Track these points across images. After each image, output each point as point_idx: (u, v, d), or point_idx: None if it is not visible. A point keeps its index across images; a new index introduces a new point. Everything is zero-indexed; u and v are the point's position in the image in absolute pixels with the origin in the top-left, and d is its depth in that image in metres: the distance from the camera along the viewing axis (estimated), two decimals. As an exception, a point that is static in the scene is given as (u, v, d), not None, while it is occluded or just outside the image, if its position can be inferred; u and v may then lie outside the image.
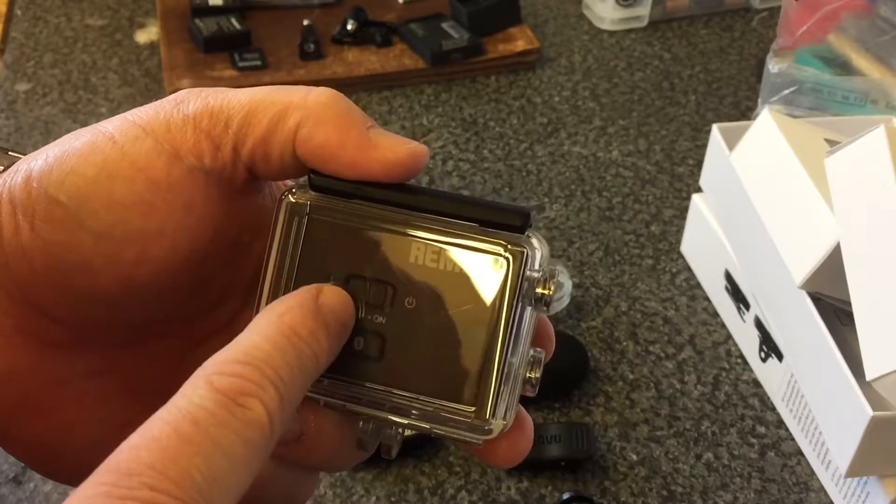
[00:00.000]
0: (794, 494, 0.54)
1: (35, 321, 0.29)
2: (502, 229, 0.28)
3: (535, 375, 0.29)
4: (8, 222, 0.28)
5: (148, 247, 0.28)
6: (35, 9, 0.97)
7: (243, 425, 0.23)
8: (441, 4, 0.94)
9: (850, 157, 0.53)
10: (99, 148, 0.28)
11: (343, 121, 0.28)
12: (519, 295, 0.28)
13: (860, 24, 0.77)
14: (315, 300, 0.27)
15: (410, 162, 0.28)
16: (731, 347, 0.63)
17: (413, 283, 0.28)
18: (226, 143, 0.28)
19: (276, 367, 0.24)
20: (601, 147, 0.81)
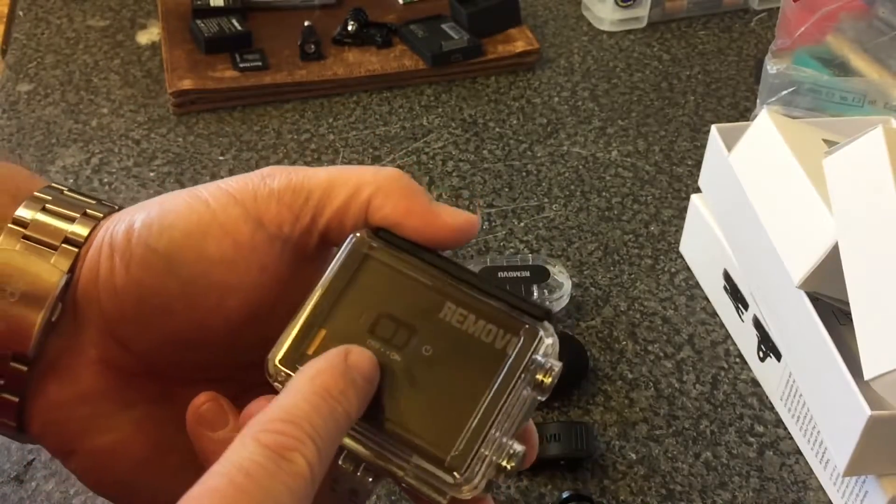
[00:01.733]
0: (792, 493, 0.55)
1: (115, 352, 0.33)
2: (526, 315, 0.32)
3: (510, 466, 0.30)
4: (106, 264, 0.32)
5: (225, 298, 0.32)
6: (37, 10, 0.97)
7: (289, 476, 0.26)
8: (441, 6, 0.94)
9: (849, 158, 0.53)
10: (195, 209, 0.33)
11: (410, 193, 0.33)
12: (523, 371, 0.31)
13: (858, 25, 0.77)
14: (344, 361, 0.30)
15: (467, 227, 0.33)
16: (729, 347, 0.63)
17: (435, 334, 0.32)
18: (305, 214, 0.33)
19: (314, 424, 0.27)
20: (600, 147, 0.81)
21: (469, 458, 0.30)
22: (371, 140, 0.81)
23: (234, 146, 0.80)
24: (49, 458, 0.55)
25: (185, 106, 0.83)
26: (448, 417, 0.31)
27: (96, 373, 0.33)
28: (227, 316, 0.33)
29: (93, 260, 0.33)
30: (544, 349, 0.32)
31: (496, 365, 0.31)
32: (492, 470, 0.31)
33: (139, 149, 0.80)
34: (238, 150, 0.80)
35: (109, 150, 0.79)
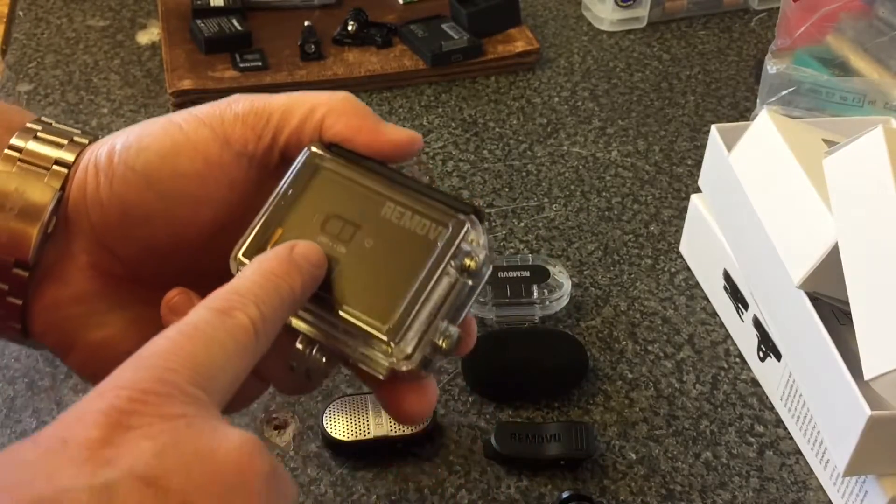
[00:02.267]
0: (792, 493, 0.55)
1: (104, 258, 0.38)
2: (456, 211, 0.36)
3: (444, 345, 0.35)
4: (92, 182, 0.37)
5: (198, 210, 0.37)
6: (37, 10, 0.97)
7: (233, 327, 0.30)
8: (441, 6, 0.95)
9: (849, 158, 0.53)
10: (169, 132, 0.37)
11: (359, 112, 0.37)
12: (451, 257, 0.35)
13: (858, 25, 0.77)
14: (290, 251, 0.34)
15: (409, 142, 0.37)
16: (729, 347, 0.63)
17: (376, 229, 0.36)
18: (266, 133, 0.37)
19: (257, 294, 0.31)
20: (600, 147, 0.81)
21: (402, 330, 0.34)
22: (371, 140, 0.81)
23: (234, 146, 0.80)
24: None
25: (185, 106, 0.83)
26: (385, 297, 0.35)
27: (88, 277, 0.38)
28: (201, 226, 0.37)
29: (80, 179, 0.37)
30: (471, 238, 0.36)
31: (428, 252, 0.35)
32: (427, 347, 0.35)
33: (139, 149, 0.79)
34: (238, 150, 0.80)
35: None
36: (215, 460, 0.26)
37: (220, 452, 0.27)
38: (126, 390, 0.27)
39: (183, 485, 0.25)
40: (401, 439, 0.55)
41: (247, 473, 0.27)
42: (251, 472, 0.27)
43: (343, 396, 0.57)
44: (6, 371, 0.60)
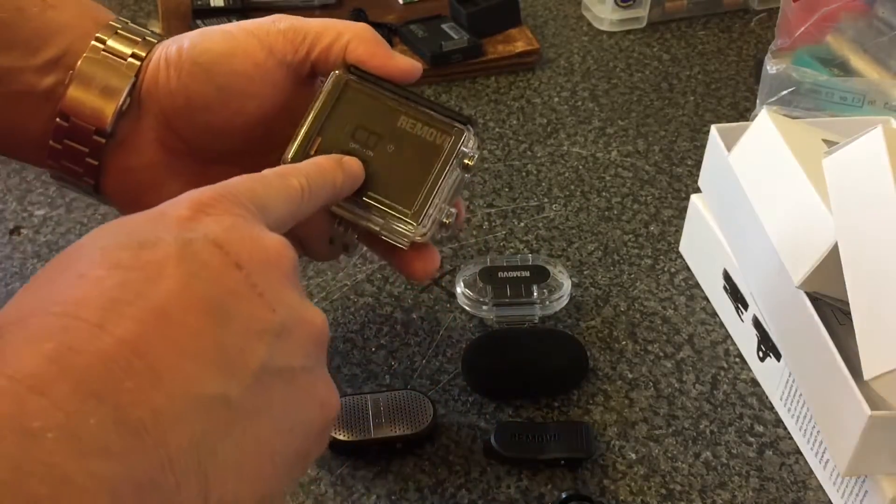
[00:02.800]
0: (792, 493, 0.55)
1: (169, 136, 0.48)
2: (456, 122, 0.47)
3: (448, 221, 0.47)
4: (163, 73, 0.47)
5: (246, 101, 0.47)
6: (36, 10, 0.97)
7: (286, 184, 0.39)
8: (441, 6, 0.95)
9: (848, 158, 0.53)
10: (226, 38, 0.47)
11: (376, 42, 0.48)
12: (455, 157, 0.47)
13: (858, 26, 0.77)
14: (339, 158, 0.45)
15: (412, 69, 0.48)
16: (729, 347, 0.63)
17: (395, 137, 0.47)
18: (302, 47, 0.47)
19: (308, 172, 0.41)
20: (600, 147, 0.81)
21: (423, 212, 0.46)
22: (371, 140, 0.81)
23: (234, 146, 0.80)
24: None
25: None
26: (407, 189, 0.46)
27: (154, 149, 0.48)
28: (248, 114, 0.47)
29: (153, 69, 0.47)
30: (469, 143, 0.47)
31: (437, 154, 0.47)
32: (436, 224, 0.47)
33: (139, 149, 0.80)
34: (238, 150, 0.80)
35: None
36: (262, 243, 0.35)
37: (265, 238, 0.35)
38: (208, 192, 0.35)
39: (238, 250, 0.34)
40: (401, 439, 0.55)
41: (282, 257, 0.35)
42: (285, 257, 0.36)
43: (343, 396, 0.57)
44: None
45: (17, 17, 0.46)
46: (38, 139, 0.47)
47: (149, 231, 0.33)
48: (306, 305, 0.36)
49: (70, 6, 0.48)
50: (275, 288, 0.34)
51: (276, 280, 0.35)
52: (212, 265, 0.33)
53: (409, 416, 0.55)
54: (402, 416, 0.55)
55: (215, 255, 0.33)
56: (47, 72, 0.46)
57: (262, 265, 0.34)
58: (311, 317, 0.36)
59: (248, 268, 0.34)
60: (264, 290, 0.34)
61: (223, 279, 0.33)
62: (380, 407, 0.56)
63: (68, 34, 0.46)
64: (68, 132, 0.46)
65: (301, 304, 0.36)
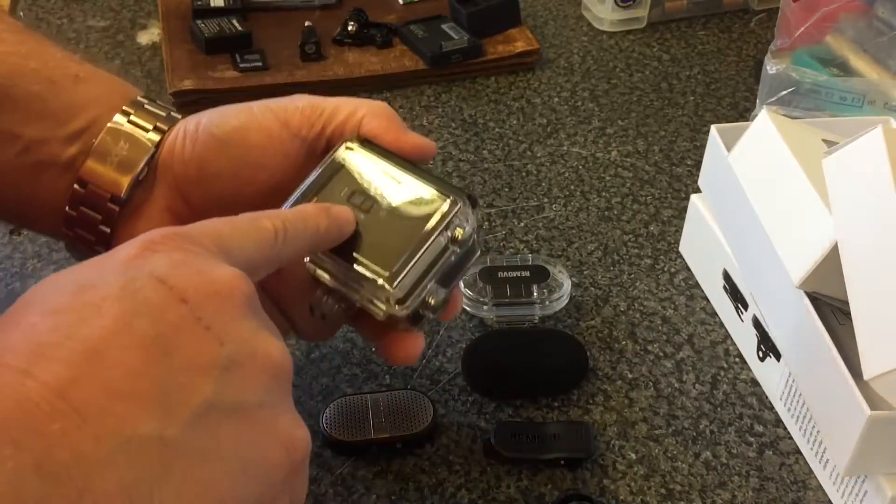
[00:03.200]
0: (791, 493, 0.55)
1: (178, 204, 0.48)
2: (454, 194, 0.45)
3: (433, 301, 0.45)
4: (179, 143, 0.48)
5: (258, 172, 0.48)
6: (37, 10, 0.98)
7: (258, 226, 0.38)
8: (441, 6, 0.95)
9: (848, 158, 0.53)
10: (244, 112, 0.48)
11: (391, 118, 0.48)
12: (445, 227, 0.45)
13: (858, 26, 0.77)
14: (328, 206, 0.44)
15: (425, 147, 0.49)
16: (729, 347, 0.63)
17: (390, 203, 0.46)
18: (318, 123, 0.48)
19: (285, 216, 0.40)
20: (600, 148, 0.81)
21: (398, 277, 0.43)
22: (371, 140, 0.81)
23: (234, 146, 0.80)
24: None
25: (185, 106, 0.83)
26: (390, 253, 0.44)
27: (164, 218, 0.48)
28: (259, 185, 0.48)
29: (171, 140, 0.48)
30: (460, 215, 0.45)
31: (426, 221, 0.45)
32: (418, 300, 0.44)
33: (139, 149, 0.80)
34: (238, 150, 0.80)
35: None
36: (211, 276, 0.34)
37: (216, 271, 0.34)
38: (160, 231, 0.35)
39: (184, 285, 0.33)
40: (401, 439, 0.55)
41: (233, 289, 0.34)
42: (237, 290, 0.34)
43: (343, 396, 0.57)
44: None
45: (49, 89, 0.47)
46: (55, 207, 0.48)
47: (93, 274, 0.33)
48: (262, 338, 0.35)
49: (101, 80, 0.49)
50: (224, 320, 0.33)
51: (226, 312, 0.33)
52: (153, 301, 0.32)
53: (409, 416, 0.56)
54: (402, 416, 0.55)
55: (158, 291, 0.32)
56: (72, 142, 0.47)
57: (209, 297, 0.33)
58: (267, 349, 0.34)
59: (193, 301, 0.33)
60: (211, 322, 0.33)
61: (165, 314, 0.32)
62: (380, 407, 0.56)
63: (96, 107, 0.48)
64: (84, 199, 0.47)
65: (255, 337, 0.34)
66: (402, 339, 0.47)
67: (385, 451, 0.55)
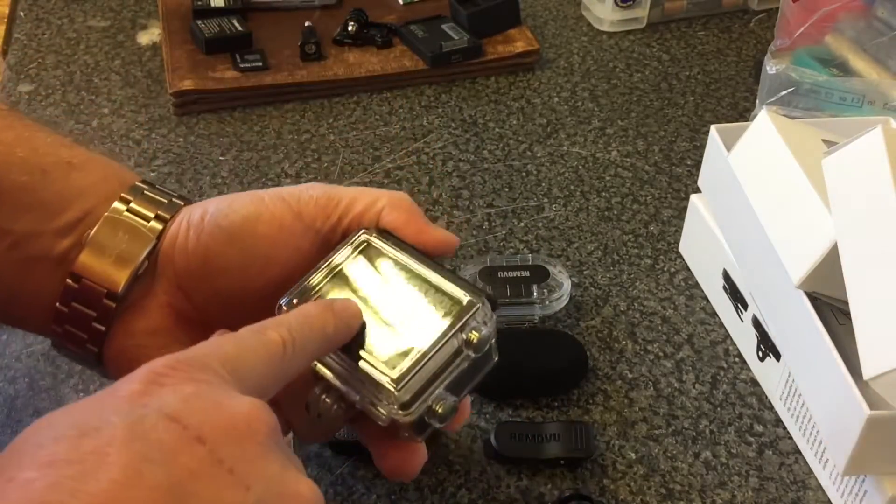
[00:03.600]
0: (791, 493, 0.55)
1: (180, 300, 0.44)
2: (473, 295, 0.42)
3: (440, 410, 0.40)
4: (183, 235, 0.44)
5: (268, 266, 0.44)
6: (38, 10, 0.98)
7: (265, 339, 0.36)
8: (441, 6, 0.95)
9: (848, 158, 0.53)
10: (254, 202, 0.44)
11: (411, 210, 0.45)
12: (459, 329, 0.41)
13: (858, 26, 0.77)
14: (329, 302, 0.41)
15: (447, 241, 0.45)
16: (729, 347, 0.63)
17: (402, 300, 0.42)
18: (334, 214, 0.45)
19: (290, 323, 0.37)
20: (600, 148, 0.81)
21: (405, 380, 0.40)
22: (371, 140, 0.81)
23: (234, 146, 0.80)
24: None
25: (185, 106, 0.84)
26: (397, 355, 0.40)
27: (164, 314, 0.44)
28: (268, 280, 0.44)
29: (173, 231, 0.44)
30: (478, 317, 0.42)
31: (440, 323, 0.41)
32: (424, 406, 0.40)
33: (140, 149, 0.80)
34: (239, 150, 0.80)
35: (110, 151, 0.79)
36: (229, 411, 0.31)
37: (233, 405, 0.31)
38: (163, 361, 0.32)
39: (200, 424, 0.30)
40: (401, 439, 0.55)
41: (254, 423, 0.31)
42: (259, 423, 0.32)
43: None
44: (7, 371, 0.60)
45: (40, 180, 0.43)
46: (44, 304, 0.44)
47: (94, 415, 0.29)
48: (291, 477, 0.32)
49: (95, 166, 0.46)
50: (248, 460, 0.30)
51: (249, 451, 0.31)
52: (167, 443, 0.29)
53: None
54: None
55: (171, 431, 0.29)
56: (65, 235, 0.43)
57: (229, 435, 0.30)
58: (297, 489, 0.32)
59: (211, 440, 0.30)
60: (234, 464, 0.30)
61: (181, 458, 0.29)
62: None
63: (91, 197, 0.44)
64: (77, 294, 0.43)
65: (283, 476, 0.32)
66: (402, 450, 0.43)
67: (385, 450, 0.55)
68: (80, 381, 0.59)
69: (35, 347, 0.62)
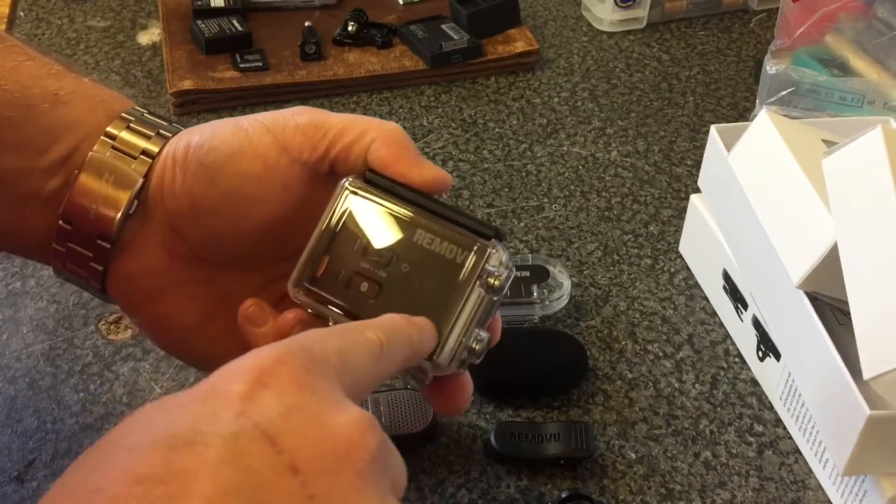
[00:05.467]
0: (791, 493, 0.55)
1: (173, 240, 0.43)
2: (479, 236, 0.40)
3: (478, 347, 0.40)
4: (169, 174, 0.42)
5: (255, 205, 0.42)
6: (38, 10, 0.98)
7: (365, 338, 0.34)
8: (441, 6, 0.95)
9: (848, 158, 0.53)
10: (237, 135, 0.42)
11: (403, 144, 0.42)
12: (477, 278, 0.40)
13: (857, 26, 0.78)
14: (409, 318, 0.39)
15: (439, 180, 0.42)
16: (728, 347, 0.63)
17: (411, 255, 0.41)
18: (321, 145, 0.42)
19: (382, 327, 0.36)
20: (600, 148, 0.81)
21: (440, 346, 0.39)
22: (371, 140, 0.81)
23: (234, 146, 0.80)
24: (49, 457, 0.55)
25: (185, 106, 0.84)
26: (428, 314, 0.39)
27: (159, 254, 0.43)
28: (257, 218, 0.42)
29: (160, 169, 0.42)
30: (494, 260, 0.40)
31: (457, 274, 0.40)
32: (464, 351, 0.40)
33: (140, 149, 0.80)
34: (238, 150, 0.80)
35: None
36: (331, 430, 0.29)
37: (336, 423, 0.29)
38: (272, 353, 0.30)
39: (296, 445, 0.28)
40: (401, 439, 0.55)
41: (356, 447, 0.29)
42: (361, 446, 0.29)
43: (343, 396, 0.57)
44: (7, 371, 0.60)
45: (26, 115, 0.42)
46: (41, 241, 0.44)
47: (191, 421, 0.28)
48: None
49: (82, 99, 0.44)
50: (343, 495, 0.28)
51: (345, 482, 0.28)
52: (258, 472, 0.27)
53: (409, 416, 0.56)
54: (402, 416, 0.56)
55: (264, 454, 0.28)
56: (54, 173, 0.42)
57: (325, 465, 0.28)
58: None
59: (306, 471, 0.28)
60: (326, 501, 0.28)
61: (269, 490, 0.27)
62: (380, 407, 0.56)
63: (79, 130, 0.43)
64: (71, 236, 0.43)
65: None
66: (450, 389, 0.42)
67: (385, 450, 0.55)
68: (80, 381, 0.59)
69: (35, 347, 0.62)
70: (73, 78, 0.44)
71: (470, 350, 0.41)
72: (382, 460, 0.31)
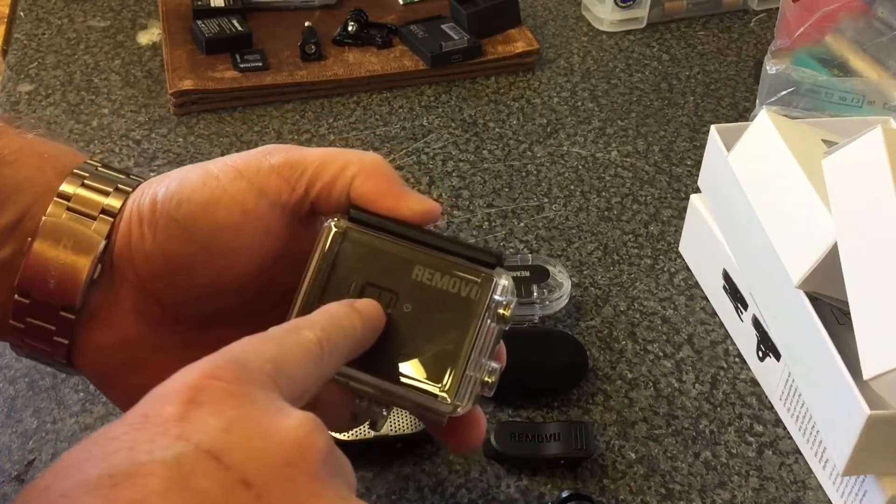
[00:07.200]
0: (791, 493, 0.55)
1: (147, 304, 0.40)
2: (481, 265, 0.39)
3: (491, 380, 0.39)
4: (136, 232, 0.39)
5: (235, 257, 0.39)
6: (38, 10, 0.98)
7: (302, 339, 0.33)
8: (441, 6, 0.95)
9: (848, 158, 0.53)
10: (207, 184, 0.39)
11: (387, 177, 0.40)
12: (486, 310, 0.38)
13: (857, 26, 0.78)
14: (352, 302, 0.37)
15: (429, 212, 0.40)
16: (728, 347, 0.63)
17: (411, 293, 0.39)
18: (300, 185, 0.39)
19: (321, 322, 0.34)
20: (600, 148, 0.81)
21: (457, 389, 0.38)
22: (371, 140, 0.81)
23: (234, 146, 0.80)
24: (49, 457, 0.55)
25: (185, 106, 0.84)
26: (434, 358, 0.38)
27: (132, 322, 0.40)
28: (239, 271, 0.39)
29: (125, 227, 0.39)
30: (500, 290, 0.39)
31: (464, 310, 0.38)
32: (477, 386, 0.39)
33: (140, 149, 0.80)
34: (238, 150, 0.79)
35: (110, 151, 0.79)
36: (277, 437, 0.28)
37: (281, 429, 0.28)
38: (200, 369, 0.29)
39: (244, 461, 0.27)
40: (401, 439, 0.55)
41: (306, 450, 0.28)
42: (310, 449, 0.28)
43: (343, 396, 0.57)
44: (7, 371, 0.60)
45: None
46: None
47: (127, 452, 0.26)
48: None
49: (29, 159, 0.39)
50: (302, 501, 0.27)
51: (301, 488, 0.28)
52: (209, 491, 0.26)
53: (409, 415, 0.56)
54: (402, 415, 0.56)
55: (212, 474, 0.26)
56: (3, 241, 0.38)
57: (278, 474, 0.27)
58: None
59: (258, 483, 0.27)
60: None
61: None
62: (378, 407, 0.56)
63: (28, 192, 0.39)
64: (30, 310, 0.39)
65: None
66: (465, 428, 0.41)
67: (385, 451, 0.55)
68: (80, 380, 0.59)
69: (35, 347, 0.62)
70: (15, 134, 0.40)
71: (483, 384, 0.39)
72: (334, 459, 0.30)
